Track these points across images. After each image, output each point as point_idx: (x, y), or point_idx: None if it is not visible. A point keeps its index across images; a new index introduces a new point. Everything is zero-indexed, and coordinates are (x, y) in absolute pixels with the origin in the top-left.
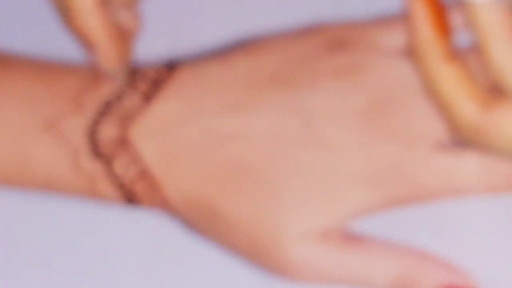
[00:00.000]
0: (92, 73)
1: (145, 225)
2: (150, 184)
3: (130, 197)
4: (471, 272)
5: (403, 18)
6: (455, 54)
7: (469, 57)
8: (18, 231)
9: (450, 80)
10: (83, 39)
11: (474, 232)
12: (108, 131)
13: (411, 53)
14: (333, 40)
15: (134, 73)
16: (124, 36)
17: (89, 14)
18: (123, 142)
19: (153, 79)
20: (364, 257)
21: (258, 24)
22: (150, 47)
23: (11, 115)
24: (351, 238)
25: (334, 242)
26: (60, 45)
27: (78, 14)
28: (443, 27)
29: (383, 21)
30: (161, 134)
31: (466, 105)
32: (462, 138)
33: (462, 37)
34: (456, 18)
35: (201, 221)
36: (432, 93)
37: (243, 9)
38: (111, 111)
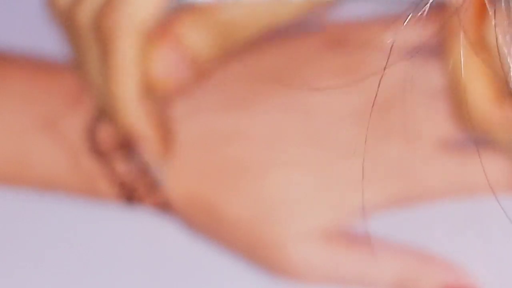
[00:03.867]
0: None
1: (145, 223)
2: (150, 182)
3: (129, 196)
4: (473, 273)
5: (403, 18)
6: (484, 46)
7: None
8: (17, 230)
9: (473, 71)
10: (128, 132)
11: (476, 232)
12: (107, 130)
13: (440, 40)
14: (333, 41)
15: None
16: (168, 127)
17: (135, 104)
18: (125, 141)
19: None
20: (365, 257)
21: None
22: None
23: (10, 115)
24: (352, 238)
25: (335, 242)
26: (58, 44)
27: (123, 105)
28: (484, 12)
29: (383, 21)
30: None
31: (484, 98)
32: (478, 133)
33: None
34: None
35: (201, 220)
36: (452, 83)
37: None
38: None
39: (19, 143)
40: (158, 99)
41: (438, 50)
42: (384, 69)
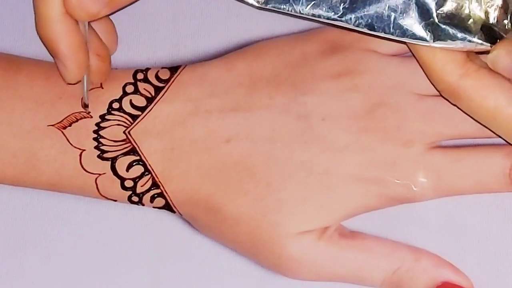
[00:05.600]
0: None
1: (149, 223)
2: (153, 183)
3: (133, 196)
4: (466, 270)
5: None
6: None
7: None
8: (25, 228)
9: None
10: (48, 47)
11: (468, 230)
12: (112, 132)
13: None
14: (330, 44)
15: (137, 74)
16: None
17: (56, 22)
18: (127, 143)
19: (156, 81)
20: (361, 254)
21: (259, 28)
22: (154, 50)
23: (19, 117)
24: (348, 236)
25: (332, 240)
26: None
27: (45, 21)
28: None
29: None
30: (164, 134)
31: (445, 69)
32: (447, 99)
33: None
34: None
35: (202, 219)
36: (417, 57)
37: (244, 14)
38: (115, 112)
39: (27, 145)
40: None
41: None
42: (380, 71)
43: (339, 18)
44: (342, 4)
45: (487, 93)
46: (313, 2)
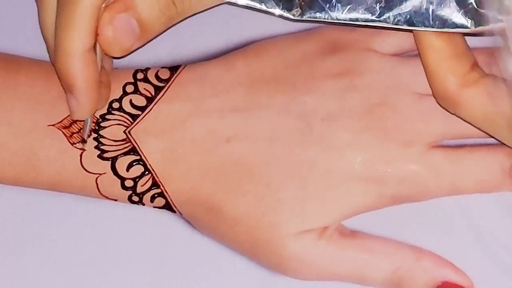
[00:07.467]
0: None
1: (149, 223)
2: (153, 183)
3: (134, 196)
4: (466, 269)
5: None
6: None
7: None
8: (25, 228)
9: (439, 51)
10: (64, 81)
11: (469, 230)
12: (112, 131)
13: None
14: (329, 43)
15: (137, 74)
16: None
17: (79, 57)
18: (127, 142)
19: (156, 80)
20: (362, 254)
21: (259, 28)
22: (154, 49)
23: (19, 117)
24: (348, 235)
25: (332, 239)
26: None
27: (67, 55)
28: None
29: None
30: (164, 134)
31: (448, 78)
32: (444, 107)
33: None
34: None
35: (203, 219)
36: (423, 61)
37: (245, 14)
38: (115, 111)
39: (28, 145)
40: (102, 58)
41: None
42: (380, 70)
43: (377, 19)
44: (378, 4)
45: (487, 99)
46: (349, 6)
